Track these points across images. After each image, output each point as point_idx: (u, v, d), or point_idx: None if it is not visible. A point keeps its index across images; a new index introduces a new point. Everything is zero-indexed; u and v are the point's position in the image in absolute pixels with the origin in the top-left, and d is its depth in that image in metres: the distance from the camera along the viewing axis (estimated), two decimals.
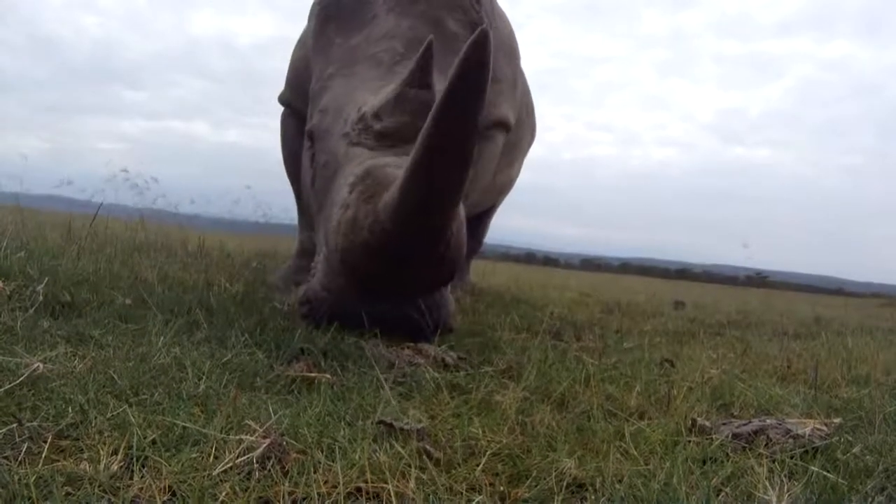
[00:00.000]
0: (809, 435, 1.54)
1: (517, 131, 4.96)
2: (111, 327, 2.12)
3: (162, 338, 1.95)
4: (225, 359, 1.84)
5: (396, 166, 2.30)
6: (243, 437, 1.21)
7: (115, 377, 1.51)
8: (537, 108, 5.94)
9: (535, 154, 6.03)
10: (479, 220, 6.51)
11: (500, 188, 5.55)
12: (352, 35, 3.03)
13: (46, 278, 2.37)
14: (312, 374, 1.80)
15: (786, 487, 1.22)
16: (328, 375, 1.81)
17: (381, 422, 1.39)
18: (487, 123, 3.87)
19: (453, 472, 1.22)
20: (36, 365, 1.46)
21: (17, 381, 1.37)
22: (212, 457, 1.15)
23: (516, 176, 5.90)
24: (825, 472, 1.31)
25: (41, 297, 2.20)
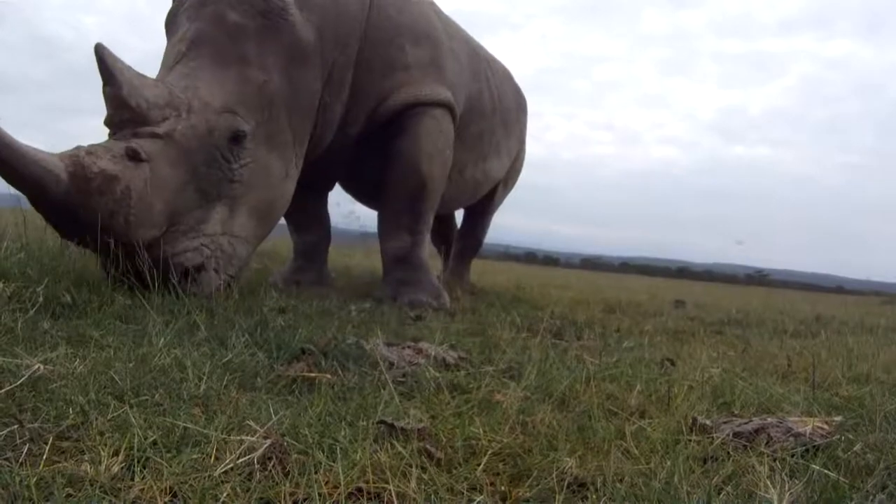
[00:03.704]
0: (810, 433, 1.54)
1: (476, 122, 4.98)
2: (111, 328, 2.12)
3: (162, 338, 1.95)
4: (225, 359, 1.84)
5: (88, 152, 2.70)
6: (244, 437, 1.21)
7: (116, 378, 1.51)
8: (538, 106, 5.88)
9: (535, 153, 5.97)
10: (477, 219, 6.48)
11: (475, 184, 5.45)
12: (167, 45, 3.44)
13: (47, 279, 2.37)
14: (313, 375, 1.80)
15: (787, 486, 1.21)
16: (329, 375, 1.81)
17: (381, 422, 1.39)
18: (399, 105, 4.10)
19: (454, 471, 1.22)
20: (36, 366, 1.46)
21: (18, 383, 1.37)
22: (213, 457, 1.15)
23: (497, 174, 5.74)
24: (826, 471, 1.31)
25: (41, 298, 2.20)
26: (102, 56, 2.81)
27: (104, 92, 2.87)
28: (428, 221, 4.48)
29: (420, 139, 4.18)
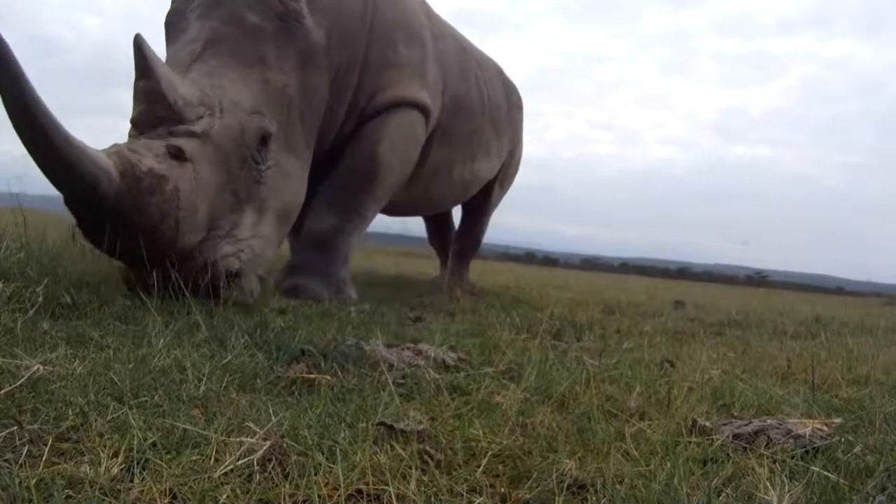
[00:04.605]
0: (810, 435, 1.54)
1: (465, 122, 4.98)
2: (111, 329, 2.12)
3: (162, 339, 1.95)
4: (225, 360, 1.84)
5: (129, 150, 2.56)
6: (244, 439, 1.21)
7: (116, 379, 1.51)
8: (538, 106, 5.87)
9: (535, 153, 5.96)
10: (475, 219, 6.47)
11: (463, 184, 5.45)
12: (173, 44, 3.34)
13: (46, 279, 2.36)
14: (313, 376, 1.80)
15: (787, 488, 1.21)
16: (328, 377, 1.81)
17: (381, 423, 1.39)
18: (385, 103, 4.10)
19: (454, 473, 1.22)
20: (36, 367, 1.46)
21: (18, 384, 1.37)
22: (212, 459, 1.15)
23: (487, 174, 5.76)
24: (826, 473, 1.31)
25: (41, 299, 2.20)
26: (142, 48, 2.64)
27: (137, 86, 2.72)
28: (367, 214, 4.26)
29: (384, 127, 4.12)
